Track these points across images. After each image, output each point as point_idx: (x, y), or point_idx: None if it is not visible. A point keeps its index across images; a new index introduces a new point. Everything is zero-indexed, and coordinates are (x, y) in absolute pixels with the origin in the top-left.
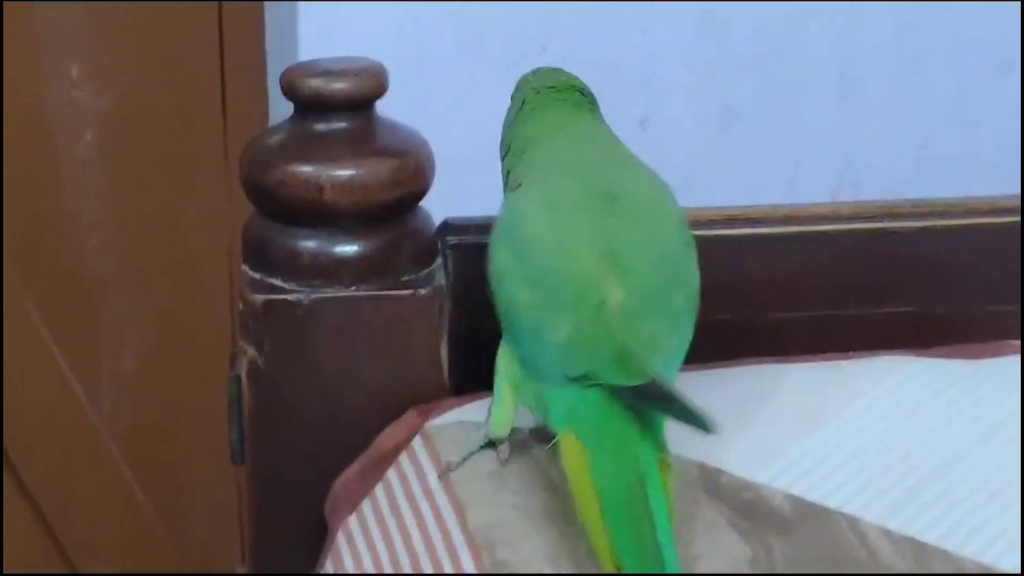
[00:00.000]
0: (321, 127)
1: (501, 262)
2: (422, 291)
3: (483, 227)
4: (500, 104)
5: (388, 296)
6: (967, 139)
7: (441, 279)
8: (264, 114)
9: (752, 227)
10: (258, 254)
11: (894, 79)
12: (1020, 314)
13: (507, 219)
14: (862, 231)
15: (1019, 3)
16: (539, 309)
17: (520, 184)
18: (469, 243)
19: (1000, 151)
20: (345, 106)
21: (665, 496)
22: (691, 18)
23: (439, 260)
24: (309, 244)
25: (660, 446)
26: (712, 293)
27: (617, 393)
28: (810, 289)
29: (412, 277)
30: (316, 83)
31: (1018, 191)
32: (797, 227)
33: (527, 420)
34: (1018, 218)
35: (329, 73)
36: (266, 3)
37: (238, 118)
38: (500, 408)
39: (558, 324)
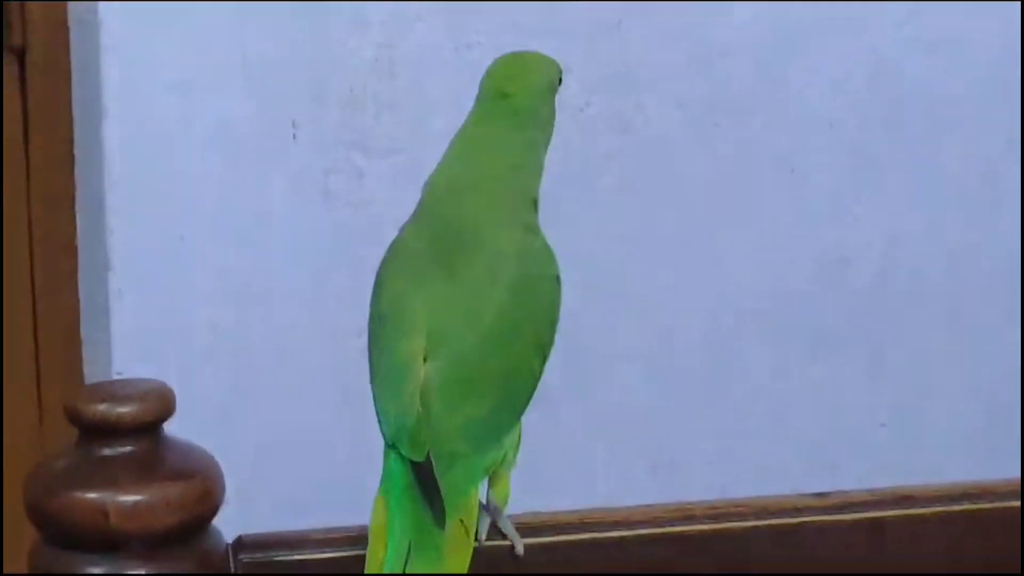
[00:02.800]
0: (106, 451)
1: (370, 317)
2: None
3: (277, 543)
4: (313, 396)
5: None
6: (780, 413)
7: None
8: None
9: (546, 535)
10: None
11: (706, 359)
12: None
13: (377, 277)
14: (657, 535)
15: (1019, 4)
16: (376, 376)
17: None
18: (263, 560)
19: (811, 426)
20: (131, 430)
21: (431, 566)
22: None
23: None
24: (95, 571)
25: (461, 519)
26: None
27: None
28: None
29: None
30: (101, 408)
31: (822, 480)
32: (592, 533)
33: None
34: (813, 517)
35: (114, 397)
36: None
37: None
38: None
39: (382, 395)
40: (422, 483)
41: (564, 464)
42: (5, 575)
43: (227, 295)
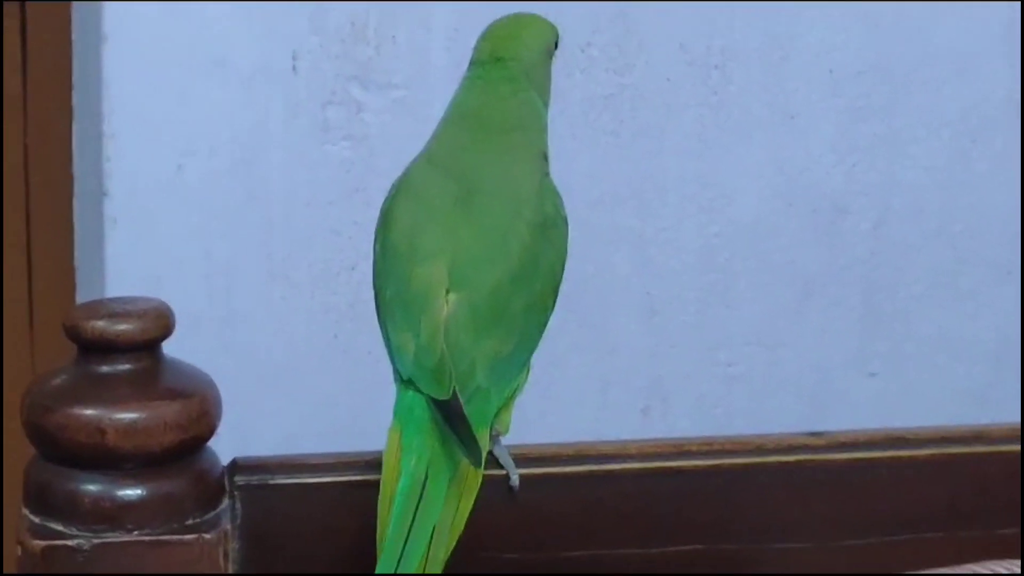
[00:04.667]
0: (104, 369)
1: (374, 254)
2: (207, 535)
3: (273, 466)
4: (305, 328)
5: (172, 541)
6: (771, 358)
7: (227, 522)
8: None
9: (541, 466)
10: (39, 498)
11: (700, 301)
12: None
13: (383, 211)
14: (651, 470)
15: (1019, 4)
16: (387, 310)
17: (413, 163)
18: (258, 483)
19: (801, 371)
20: (129, 348)
21: (443, 498)
22: None
23: (226, 502)
24: (91, 488)
25: (466, 456)
26: (499, 532)
27: (430, 402)
28: (600, 528)
29: (197, 520)
30: (100, 325)
31: (809, 427)
32: (587, 466)
33: None
34: (807, 455)
35: (113, 315)
36: (76, 237)
37: None
38: None
39: (397, 329)
40: (449, 420)
41: (555, 402)
42: (5, 575)
43: (223, 225)
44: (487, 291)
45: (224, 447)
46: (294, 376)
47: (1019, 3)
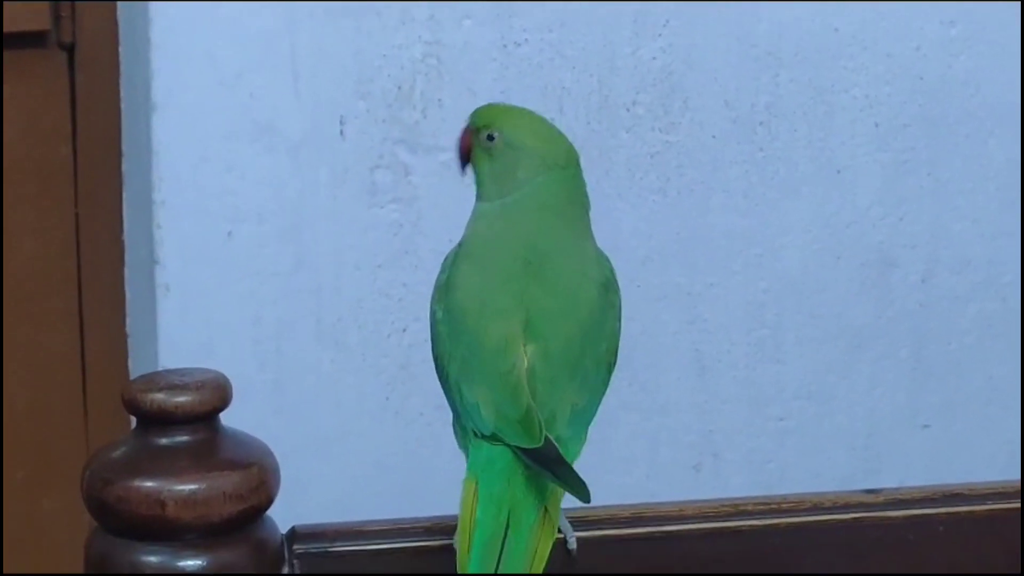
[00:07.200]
0: (163, 441)
1: (436, 318)
2: None
3: (332, 534)
4: (357, 391)
5: None
6: (822, 412)
7: None
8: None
9: (599, 528)
10: (100, 569)
11: (749, 357)
12: None
13: (442, 280)
14: (709, 530)
15: (1019, 4)
16: (460, 370)
17: (467, 237)
18: (317, 551)
19: (852, 424)
20: (188, 420)
21: (525, 547)
22: None
23: (285, 570)
24: (151, 559)
25: (546, 506)
26: None
27: (517, 453)
28: None
29: None
30: (158, 397)
31: (862, 480)
32: (644, 528)
33: None
34: (864, 513)
35: (172, 387)
36: (127, 304)
37: None
38: None
39: (474, 387)
40: (545, 465)
41: (607, 460)
42: (5, 575)
43: (272, 291)
44: (562, 343)
45: (277, 511)
46: (346, 439)
47: (1019, 3)
